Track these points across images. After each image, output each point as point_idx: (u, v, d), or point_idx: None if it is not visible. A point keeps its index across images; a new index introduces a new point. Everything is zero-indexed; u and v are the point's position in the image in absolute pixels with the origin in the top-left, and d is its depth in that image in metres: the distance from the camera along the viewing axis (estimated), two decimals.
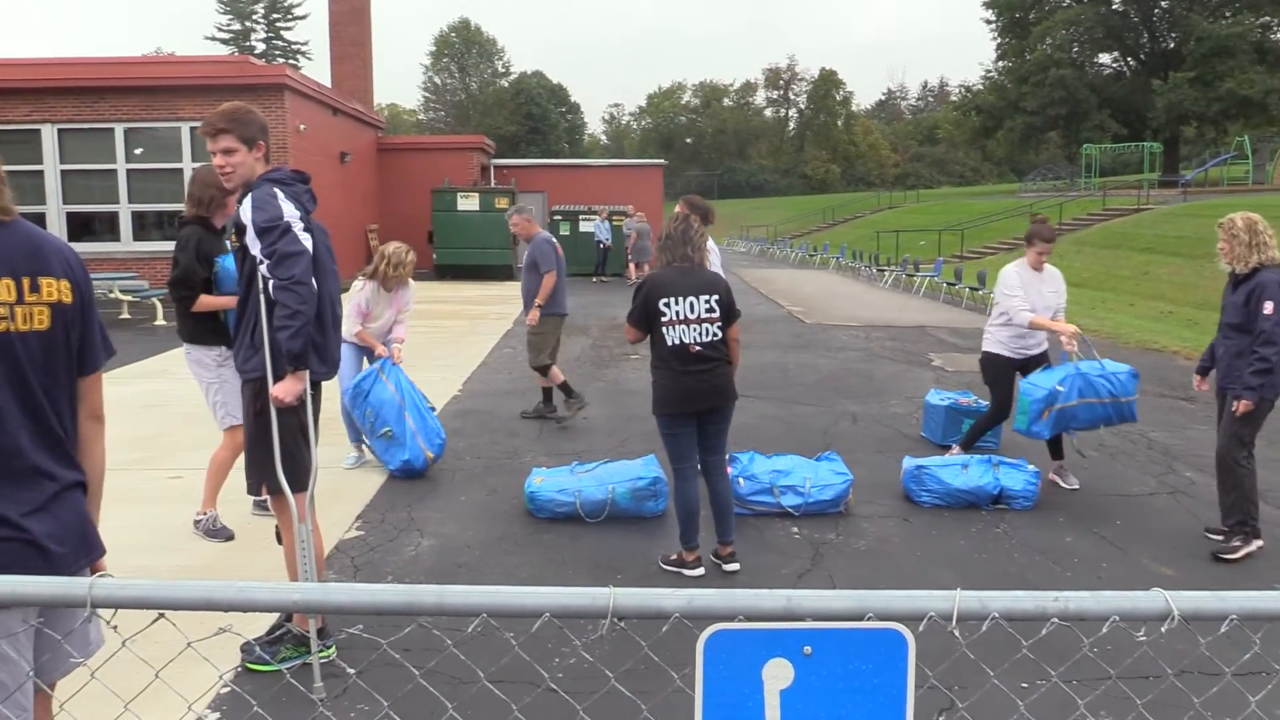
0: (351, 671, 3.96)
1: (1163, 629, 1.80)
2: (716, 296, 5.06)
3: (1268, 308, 5.28)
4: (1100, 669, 3.97)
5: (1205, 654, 3.07)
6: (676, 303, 4.97)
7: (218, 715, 3.66)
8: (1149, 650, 4.11)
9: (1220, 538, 5.68)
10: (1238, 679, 3.82)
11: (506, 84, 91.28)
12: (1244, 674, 3.98)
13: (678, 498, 5.19)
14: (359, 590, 1.75)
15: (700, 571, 5.21)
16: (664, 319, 4.97)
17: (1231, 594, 1.84)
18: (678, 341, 4.98)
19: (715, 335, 5.04)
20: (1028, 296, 6.75)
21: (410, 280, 7.32)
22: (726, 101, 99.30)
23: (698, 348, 4.99)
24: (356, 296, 7.16)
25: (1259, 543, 5.54)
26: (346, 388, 7.02)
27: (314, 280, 3.83)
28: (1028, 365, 6.90)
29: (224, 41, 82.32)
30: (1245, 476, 5.48)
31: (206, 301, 5.41)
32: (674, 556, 5.31)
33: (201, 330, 5.49)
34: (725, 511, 5.31)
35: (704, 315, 5.00)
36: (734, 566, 5.27)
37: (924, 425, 8.42)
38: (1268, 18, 43.69)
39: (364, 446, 7.29)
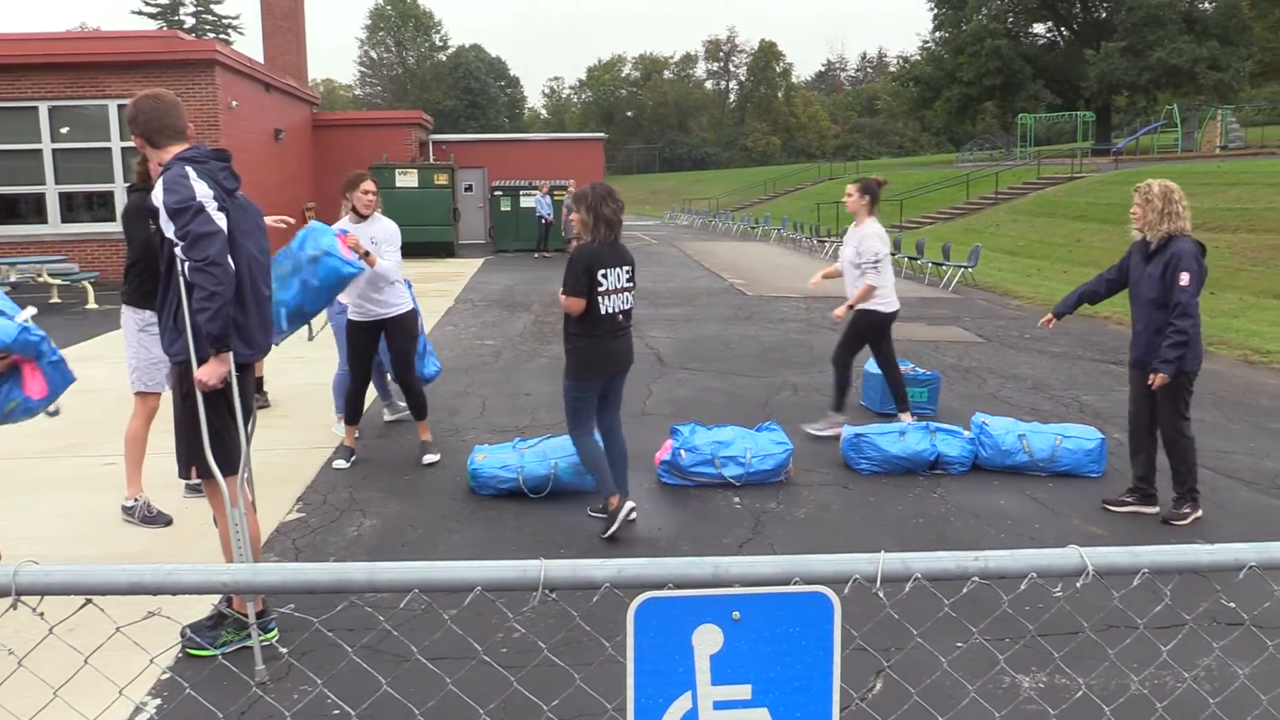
0: (284, 651, 3.94)
1: (1078, 584, 1.87)
2: (631, 269, 5.41)
3: (1184, 279, 5.29)
4: (1020, 626, 4.09)
5: (1119, 607, 3.18)
6: (611, 273, 5.24)
7: (158, 702, 3.63)
8: (1066, 605, 4.24)
9: (1117, 508, 5.81)
10: (1150, 630, 3.95)
11: (444, 58, 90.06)
12: (1156, 626, 4.11)
13: (587, 456, 5.42)
14: (289, 570, 1.75)
15: (632, 504, 5.47)
16: (601, 289, 5.20)
17: (1142, 549, 1.91)
18: (610, 310, 5.26)
19: (631, 304, 5.41)
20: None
21: None
22: (667, 74, 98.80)
23: (620, 316, 5.31)
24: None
25: (1200, 512, 5.62)
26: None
27: (231, 260, 3.77)
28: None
29: (151, 16, 79.92)
30: (1190, 448, 5.56)
31: None
32: (605, 516, 5.45)
33: (142, 294, 5.44)
34: (624, 464, 5.60)
35: (624, 285, 5.32)
36: (631, 504, 5.51)
37: (863, 394, 8.55)
38: None
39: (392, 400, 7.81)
